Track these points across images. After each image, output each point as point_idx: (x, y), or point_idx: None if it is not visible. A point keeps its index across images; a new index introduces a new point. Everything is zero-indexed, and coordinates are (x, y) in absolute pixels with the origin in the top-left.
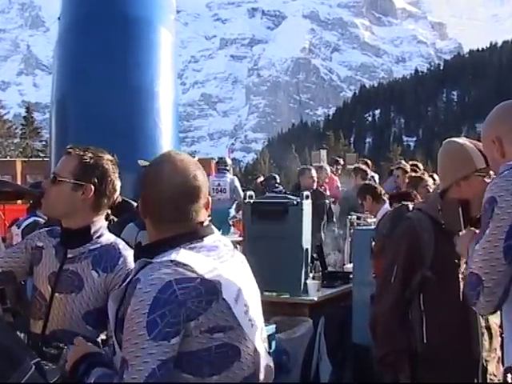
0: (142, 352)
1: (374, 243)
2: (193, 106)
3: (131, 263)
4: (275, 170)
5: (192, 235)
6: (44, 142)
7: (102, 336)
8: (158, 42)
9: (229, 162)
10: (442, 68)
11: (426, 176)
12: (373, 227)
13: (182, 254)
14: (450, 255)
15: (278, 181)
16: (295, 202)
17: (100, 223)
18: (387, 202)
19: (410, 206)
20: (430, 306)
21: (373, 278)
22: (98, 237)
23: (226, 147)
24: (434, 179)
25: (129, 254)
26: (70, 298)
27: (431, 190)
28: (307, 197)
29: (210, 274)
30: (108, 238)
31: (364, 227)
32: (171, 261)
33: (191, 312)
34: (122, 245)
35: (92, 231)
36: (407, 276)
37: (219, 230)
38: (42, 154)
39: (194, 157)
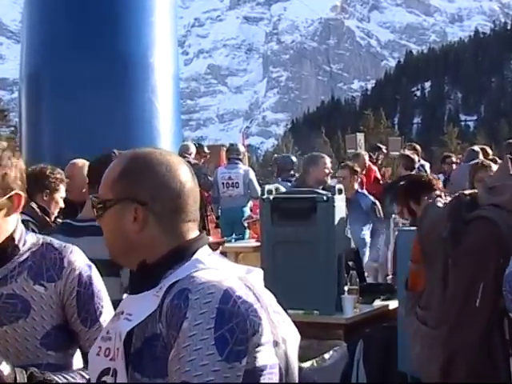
0: (215, 375)
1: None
2: (198, 81)
3: (77, 260)
4: (300, 159)
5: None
6: (12, 128)
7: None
8: (153, 1)
9: (242, 149)
10: (509, 28)
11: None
12: None
13: (210, 260)
14: None
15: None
16: (325, 198)
17: (18, 226)
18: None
19: (467, 195)
20: None
21: (410, 292)
22: (24, 244)
23: (239, 131)
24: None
25: (69, 248)
26: (18, 326)
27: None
28: (340, 191)
29: (244, 279)
30: (32, 240)
31: (412, 228)
32: (207, 267)
33: (254, 324)
34: (55, 242)
35: (16, 240)
36: (498, 296)
37: (231, 233)
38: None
39: (201, 144)
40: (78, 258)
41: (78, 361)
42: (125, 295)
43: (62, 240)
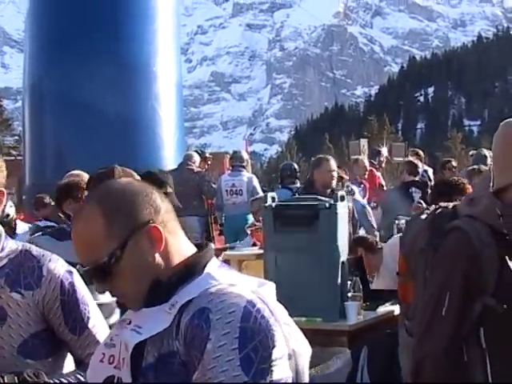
0: None
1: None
2: (201, 89)
3: (57, 267)
4: (304, 165)
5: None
6: (16, 137)
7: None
8: (156, 9)
9: (245, 156)
10: None
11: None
12: None
13: (221, 274)
14: None
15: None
16: (327, 205)
17: None
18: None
19: (450, 207)
20: (495, 345)
21: (402, 303)
22: (2, 250)
23: (243, 138)
24: None
25: (47, 257)
26: None
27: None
28: (342, 198)
29: (257, 292)
30: (12, 247)
31: None
32: (220, 283)
33: (273, 338)
34: (34, 249)
35: None
36: (464, 306)
37: (235, 240)
38: (14, 152)
39: (203, 151)
40: (57, 266)
41: (61, 370)
42: None
43: (49, 243)
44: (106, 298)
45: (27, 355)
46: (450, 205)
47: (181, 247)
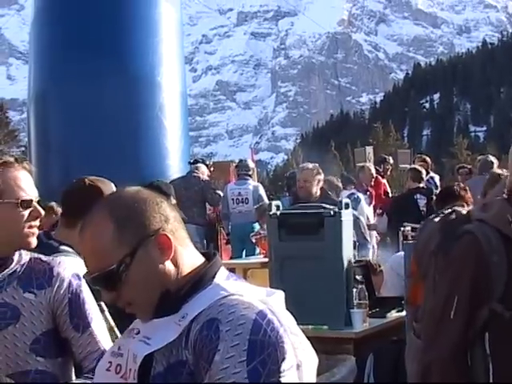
0: None
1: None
2: (206, 98)
3: (66, 269)
4: None
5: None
6: (23, 148)
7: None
8: (160, 19)
9: (251, 165)
10: None
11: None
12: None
13: (230, 284)
14: None
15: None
16: (332, 212)
17: None
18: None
19: (463, 212)
20: (499, 350)
21: (410, 306)
22: (19, 257)
23: (248, 147)
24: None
25: (57, 260)
26: (8, 332)
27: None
28: (347, 205)
29: (266, 302)
30: (25, 256)
31: None
32: (231, 293)
33: (283, 351)
34: (42, 256)
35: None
36: (472, 311)
37: (242, 249)
38: None
39: (203, 159)
40: (66, 268)
41: (69, 373)
42: None
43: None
44: None
45: (38, 353)
46: (465, 209)
47: (190, 256)
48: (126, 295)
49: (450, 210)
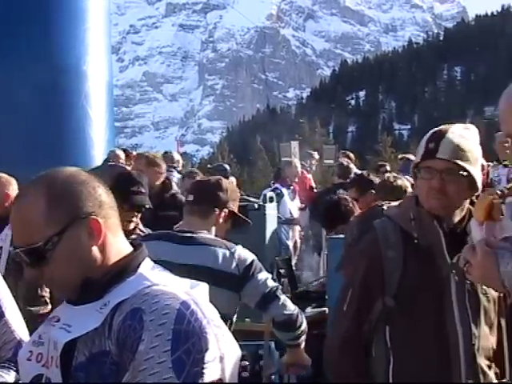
0: None
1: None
2: (133, 88)
3: None
4: (236, 166)
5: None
6: None
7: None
8: (87, 7)
9: (177, 157)
10: (441, 38)
11: None
12: None
13: (155, 275)
14: (425, 280)
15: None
16: (256, 206)
17: None
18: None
19: (385, 207)
20: (398, 344)
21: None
22: None
23: (174, 139)
24: None
25: None
26: None
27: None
28: (271, 199)
29: (190, 294)
30: None
31: (342, 236)
32: (154, 283)
33: (206, 341)
34: None
35: None
36: (363, 304)
37: None
38: None
39: (126, 149)
40: None
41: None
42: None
43: None
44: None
45: None
46: (385, 204)
47: (118, 245)
48: (48, 274)
49: (372, 206)
